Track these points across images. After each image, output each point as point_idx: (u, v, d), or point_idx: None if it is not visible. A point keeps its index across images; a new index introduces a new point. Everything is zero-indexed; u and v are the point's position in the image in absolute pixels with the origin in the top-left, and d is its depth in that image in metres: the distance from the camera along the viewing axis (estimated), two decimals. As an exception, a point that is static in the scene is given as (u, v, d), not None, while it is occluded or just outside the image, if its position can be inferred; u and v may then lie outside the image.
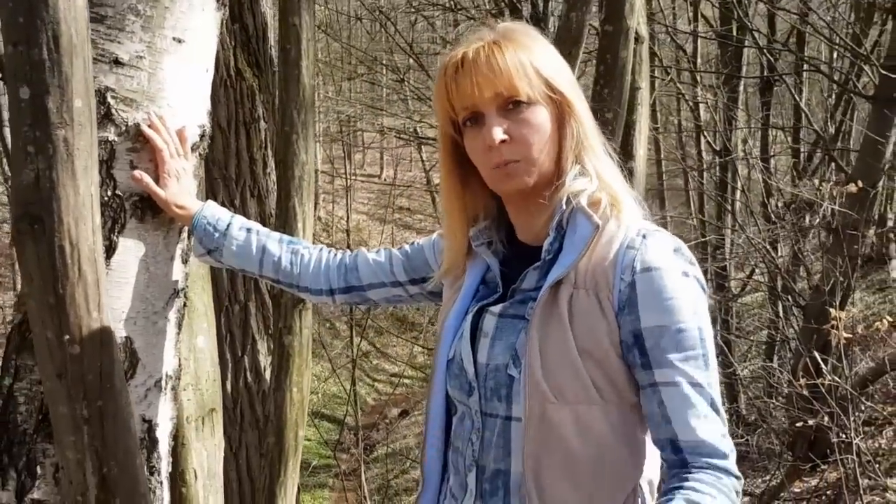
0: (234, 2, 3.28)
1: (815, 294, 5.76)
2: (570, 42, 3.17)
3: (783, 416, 6.59)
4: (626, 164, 1.22)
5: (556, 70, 1.14)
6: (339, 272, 1.48)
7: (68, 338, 1.16)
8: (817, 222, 6.53)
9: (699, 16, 9.93)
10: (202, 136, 1.47)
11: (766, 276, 7.80)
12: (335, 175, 14.80)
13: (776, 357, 8.12)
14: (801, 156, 9.34)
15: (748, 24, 8.05)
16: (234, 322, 3.38)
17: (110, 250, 1.30)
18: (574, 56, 3.17)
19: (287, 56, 2.65)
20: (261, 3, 3.44)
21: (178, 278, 1.45)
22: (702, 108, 9.85)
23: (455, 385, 1.19)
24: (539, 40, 1.15)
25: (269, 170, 3.44)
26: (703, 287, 1.08)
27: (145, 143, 1.33)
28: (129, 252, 1.33)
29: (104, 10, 1.28)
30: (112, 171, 1.30)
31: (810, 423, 4.72)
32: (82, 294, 1.16)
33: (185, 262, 1.48)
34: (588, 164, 1.14)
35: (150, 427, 1.39)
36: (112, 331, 1.22)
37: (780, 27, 9.41)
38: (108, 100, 1.28)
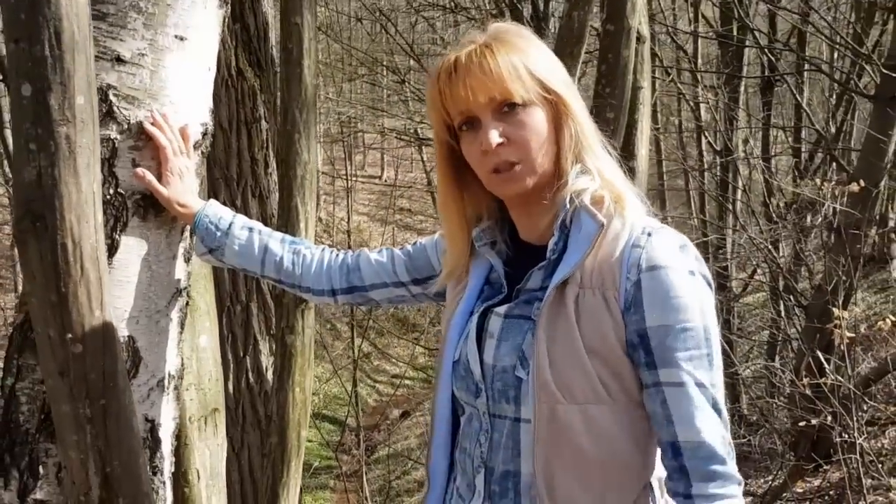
0: (236, 1, 3.28)
1: (818, 294, 5.75)
2: (572, 41, 3.16)
3: (785, 416, 6.58)
4: (627, 164, 1.21)
5: (549, 70, 1.13)
6: (341, 272, 1.47)
7: (71, 336, 1.15)
8: (819, 222, 6.52)
9: (700, 16, 9.93)
10: (205, 135, 1.46)
11: (768, 276, 7.79)
12: (336, 176, 14.80)
13: (778, 357, 8.11)
14: (802, 155, 9.34)
15: (749, 23, 8.05)
16: (235, 322, 3.38)
17: (112, 249, 1.29)
18: (576, 55, 3.16)
19: (289, 55, 2.65)
20: (262, 3, 3.44)
21: (180, 277, 1.44)
22: (703, 108, 9.85)
23: (461, 386, 1.18)
24: (532, 40, 1.14)
25: (271, 170, 3.44)
26: (709, 285, 1.07)
27: (148, 140, 1.32)
28: (131, 251, 1.32)
29: (106, 7, 1.27)
30: (114, 168, 1.29)
31: (813, 423, 4.71)
32: (85, 292, 1.15)
33: (187, 261, 1.48)
34: (588, 162, 1.13)
35: (152, 427, 1.38)
36: (115, 329, 1.22)
37: (781, 27, 9.41)
38: (111, 97, 1.27)
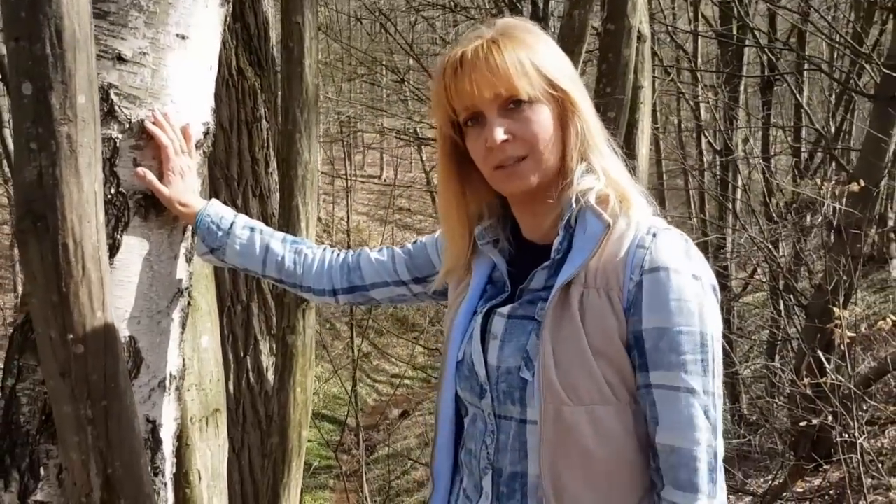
0: (236, 1, 3.27)
1: (818, 293, 5.75)
2: (572, 41, 3.16)
3: (785, 415, 6.58)
4: (628, 163, 1.20)
5: (557, 67, 1.11)
6: (342, 272, 1.46)
7: (72, 337, 1.14)
8: (819, 221, 6.52)
9: (699, 15, 9.93)
10: (206, 134, 1.45)
11: (768, 276, 7.79)
12: (335, 176, 14.78)
13: (778, 356, 8.11)
14: (802, 155, 9.35)
15: (749, 23, 8.05)
16: (236, 322, 3.37)
17: (114, 249, 1.28)
18: (577, 55, 3.16)
19: (290, 54, 2.64)
20: (262, 2, 3.43)
21: (182, 277, 1.43)
22: (702, 107, 9.86)
23: (465, 387, 1.17)
24: (540, 36, 1.13)
25: (272, 169, 3.43)
26: (714, 290, 1.06)
27: (149, 140, 1.32)
28: (132, 250, 1.32)
29: (107, 5, 1.26)
30: (115, 168, 1.29)
31: (813, 423, 4.70)
32: (86, 293, 1.15)
33: (188, 260, 1.47)
34: (594, 160, 1.12)
35: (154, 428, 1.37)
36: (116, 330, 1.21)
37: (781, 26, 9.41)
38: (112, 96, 1.26)
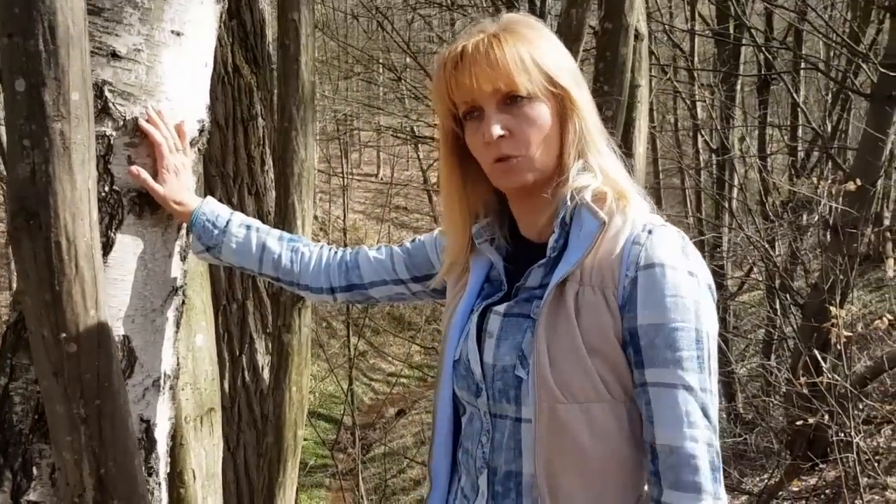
0: (232, -2, 3.26)
1: (814, 292, 5.76)
2: (570, 39, 3.15)
3: (781, 414, 6.59)
4: (627, 163, 1.20)
5: (558, 64, 1.11)
6: (339, 270, 1.46)
7: (65, 336, 1.13)
8: (815, 220, 6.53)
9: (696, 14, 9.94)
10: (201, 132, 1.44)
11: (764, 275, 7.81)
12: (332, 174, 14.78)
13: (774, 355, 8.12)
14: (799, 154, 9.36)
15: (745, 21, 8.06)
16: (231, 321, 3.36)
17: (108, 247, 1.27)
18: (574, 53, 3.14)
19: (286, 52, 2.63)
20: (258, 0, 3.42)
21: (176, 276, 1.42)
22: (699, 106, 9.87)
23: (462, 385, 1.16)
24: (542, 32, 1.12)
25: (267, 167, 3.42)
26: (710, 288, 1.05)
27: (143, 137, 1.30)
28: (126, 249, 1.31)
29: (102, 2, 1.25)
30: (109, 166, 1.27)
31: (809, 422, 4.71)
32: (79, 291, 1.14)
33: (183, 259, 1.46)
34: (591, 159, 1.11)
35: (148, 427, 1.36)
36: (110, 329, 1.20)
37: (778, 25, 9.43)
38: (106, 93, 1.25)
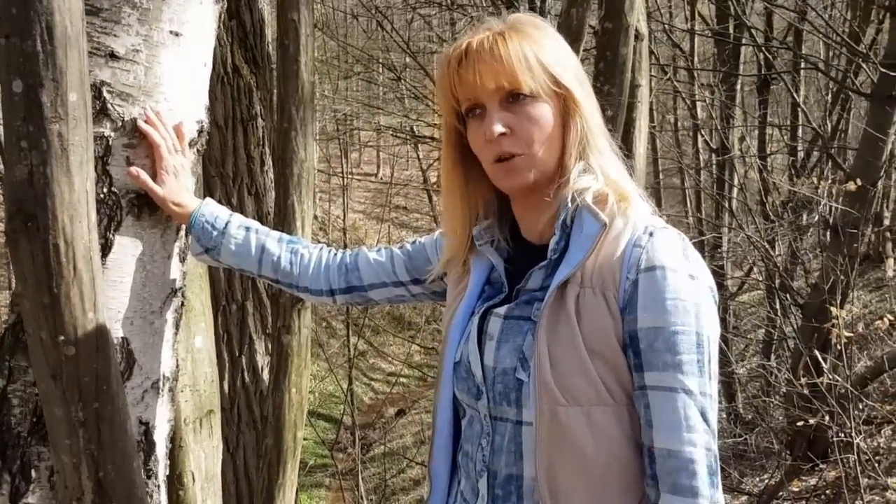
0: (231, -2, 3.25)
1: (814, 292, 5.75)
2: (570, 39, 3.12)
3: (781, 414, 6.59)
4: (628, 164, 1.19)
5: (562, 63, 1.11)
6: (339, 272, 1.45)
7: (63, 338, 1.13)
8: (816, 220, 6.53)
9: (696, 14, 9.94)
10: (200, 132, 1.43)
11: (764, 275, 7.80)
12: (332, 174, 14.77)
13: (774, 356, 8.11)
14: (799, 154, 9.36)
15: (745, 21, 8.05)
16: (231, 322, 3.35)
17: (106, 249, 1.27)
18: (574, 53, 3.15)
19: (286, 52, 2.62)
20: (258, 0, 3.41)
21: (175, 277, 1.41)
22: (699, 106, 9.87)
23: (462, 388, 1.16)
24: (548, 32, 1.12)
25: (267, 167, 3.41)
26: (711, 291, 1.04)
27: (142, 138, 1.30)
28: (125, 250, 1.30)
29: (100, 2, 1.24)
30: (108, 167, 1.27)
31: (810, 422, 4.71)
32: (77, 293, 1.13)
33: (182, 260, 1.45)
34: (592, 160, 1.11)
35: (147, 430, 1.36)
36: (108, 331, 1.19)
37: (778, 25, 9.42)
38: (104, 94, 1.25)
